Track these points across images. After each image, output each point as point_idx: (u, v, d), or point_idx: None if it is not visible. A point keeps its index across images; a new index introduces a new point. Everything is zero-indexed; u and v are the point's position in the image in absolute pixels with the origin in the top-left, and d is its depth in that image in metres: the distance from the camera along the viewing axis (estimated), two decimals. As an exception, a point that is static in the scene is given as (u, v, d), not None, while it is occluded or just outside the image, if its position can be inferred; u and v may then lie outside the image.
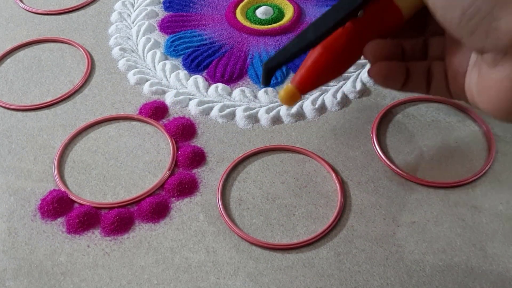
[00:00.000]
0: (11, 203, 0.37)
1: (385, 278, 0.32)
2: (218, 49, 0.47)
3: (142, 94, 0.44)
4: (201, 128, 0.41)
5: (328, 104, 0.42)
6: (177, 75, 0.45)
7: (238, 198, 0.37)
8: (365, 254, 0.33)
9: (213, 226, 0.35)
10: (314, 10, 0.51)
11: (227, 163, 0.39)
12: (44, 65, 0.47)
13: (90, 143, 0.41)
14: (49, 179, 0.38)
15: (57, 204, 0.36)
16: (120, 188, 0.38)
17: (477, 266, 0.32)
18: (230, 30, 0.49)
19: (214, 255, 0.34)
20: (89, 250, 0.34)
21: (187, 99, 0.43)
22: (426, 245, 0.34)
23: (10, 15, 0.52)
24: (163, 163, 0.39)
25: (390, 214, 0.35)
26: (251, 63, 0.46)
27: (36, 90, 0.45)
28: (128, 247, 0.34)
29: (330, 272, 0.33)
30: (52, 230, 0.35)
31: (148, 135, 0.41)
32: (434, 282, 0.32)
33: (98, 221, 0.36)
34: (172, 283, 0.32)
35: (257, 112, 0.42)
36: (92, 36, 0.49)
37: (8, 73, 0.46)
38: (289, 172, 0.38)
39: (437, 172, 0.37)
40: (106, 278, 0.33)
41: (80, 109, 0.43)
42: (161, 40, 0.49)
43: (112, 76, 0.46)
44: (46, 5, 0.53)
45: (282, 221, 0.35)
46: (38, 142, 0.41)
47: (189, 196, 0.37)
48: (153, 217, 0.36)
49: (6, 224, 0.36)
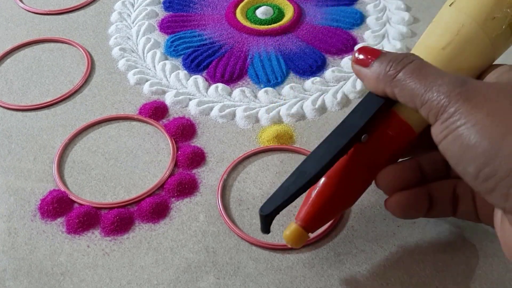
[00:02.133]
0: (11, 203, 0.37)
1: (385, 278, 0.32)
2: (218, 49, 0.47)
3: (142, 94, 0.44)
4: (201, 128, 0.41)
5: (328, 104, 0.42)
6: (177, 75, 0.45)
7: (238, 198, 0.37)
8: (365, 254, 0.33)
9: (213, 226, 0.35)
10: (314, 10, 0.51)
11: (227, 163, 0.39)
12: (44, 65, 0.47)
13: (90, 143, 0.41)
14: (49, 179, 0.38)
15: (57, 204, 0.36)
16: (120, 188, 0.38)
17: (477, 266, 0.32)
18: (230, 30, 0.49)
19: (214, 255, 0.34)
20: (89, 250, 0.34)
21: (187, 99, 0.43)
22: (427, 246, 0.33)
23: (10, 15, 0.52)
24: (163, 163, 0.39)
25: (390, 214, 0.35)
26: (251, 63, 0.46)
27: (36, 90, 0.45)
28: (128, 247, 0.34)
29: (330, 272, 0.33)
30: (52, 230, 0.35)
31: (148, 135, 0.41)
32: (434, 282, 0.32)
33: (98, 221, 0.36)
34: (172, 283, 0.32)
35: (257, 112, 0.42)
36: (92, 36, 0.49)
37: (8, 73, 0.46)
38: (289, 172, 0.38)
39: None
40: (106, 278, 0.33)
41: (80, 109, 0.43)
42: (161, 40, 0.49)
43: (112, 76, 0.46)
44: (46, 5, 0.53)
45: (282, 221, 0.35)
46: (38, 142, 0.41)
47: (189, 196, 0.37)
48: (153, 217, 0.36)
49: (6, 224, 0.36)
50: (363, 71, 0.29)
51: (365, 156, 0.29)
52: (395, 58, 0.27)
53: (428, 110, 0.25)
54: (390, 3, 0.51)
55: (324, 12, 0.50)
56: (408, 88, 0.26)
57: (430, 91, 0.25)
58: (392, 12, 0.50)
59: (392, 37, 0.48)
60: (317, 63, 0.45)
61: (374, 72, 0.28)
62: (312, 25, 0.49)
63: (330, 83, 0.44)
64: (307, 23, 0.50)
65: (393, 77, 0.27)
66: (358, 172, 0.29)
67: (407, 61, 0.27)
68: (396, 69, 0.27)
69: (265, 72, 0.45)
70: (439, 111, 0.24)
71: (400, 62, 0.27)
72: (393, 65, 0.27)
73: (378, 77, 0.27)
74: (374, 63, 0.28)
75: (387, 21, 0.49)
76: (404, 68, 0.27)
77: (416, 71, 0.26)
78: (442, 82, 0.25)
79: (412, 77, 0.26)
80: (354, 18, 0.49)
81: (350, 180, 0.29)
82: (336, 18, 0.50)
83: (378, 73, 0.27)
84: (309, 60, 0.46)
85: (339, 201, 0.29)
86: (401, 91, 0.26)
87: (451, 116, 0.24)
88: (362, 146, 0.29)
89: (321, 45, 0.47)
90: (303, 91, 0.44)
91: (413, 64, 0.27)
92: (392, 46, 0.47)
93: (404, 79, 0.26)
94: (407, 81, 0.26)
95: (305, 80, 0.44)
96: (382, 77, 0.27)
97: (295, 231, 0.29)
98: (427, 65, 0.27)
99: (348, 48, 0.47)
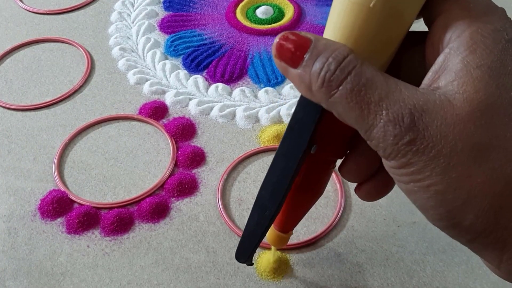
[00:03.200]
0: (11, 203, 0.37)
1: (386, 278, 0.32)
2: (218, 49, 0.47)
3: (142, 94, 0.44)
4: (201, 128, 0.41)
5: (328, 104, 0.42)
6: (177, 75, 0.45)
7: (238, 198, 0.37)
8: (365, 254, 0.33)
9: (213, 226, 0.35)
10: (314, 10, 0.51)
11: (227, 163, 0.39)
12: (44, 65, 0.47)
13: (90, 143, 0.41)
14: (49, 179, 0.38)
15: (57, 204, 0.36)
16: (120, 188, 0.37)
17: (477, 266, 0.32)
18: (230, 30, 0.49)
19: (214, 255, 0.34)
20: (89, 250, 0.34)
21: (187, 99, 0.43)
22: (427, 246, 0.33)
23: (10, 15, 0.52)
24: (163, 163, 0.39)
25: (390, 214, 0.35)
26: (251, 63, 0.46)
27: (36, 90, 0.45)
28: (128, 247, 0.34)
29: (330, 272, 0.33)
30: (52, 230, 0.35)
31: (148, 135, 0.41)
32: (435, 282, 0.32)
33: (98, 221, 0.36)
34: (172, 283, 0.32)
35: (257, 112, 0.42)
36: (92, 36, 0.49)
37: (8, 73, 0.46)
38: (289, 172, 0.38)
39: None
40: (106, 278, 0.33)
41: (80, 109, 0.43)
42: (161, 40, 0.49)
43: (112, 76, 0.46)
44: (46, 5, 0.53)
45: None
46: (38, 142, 0.41)
47: (189, 196, 0.37)
48: (153, 217, 0.36)
49: (6, 224, 0.36)
50: (291, 72, 0.22)
51: (322, 160, 0.27)
52: (330, 63, 0.21)
53: (376, 149, 0.21)
54: (390, 2, 0.51)
55: (324, 12, 0.50)
56: (349, 116, 0.21)
57: (376, 128, 0.20)
58: (392, 12, 0.50)
59: (392, 37, 0.48)
60: (317, 63, 0.45)
61: (304, 79, 0.21)
62: (312, 25, 0.49)
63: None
64: (307, 22, 0.50)
65: (329, 96, 0.21)
66: (318, 175, 0.28)
67: (343, 75, 0.21)
68: (331, 85, 0.21)
69: (265, 71, 0.45)
70: (390, 155, 0.21)
71: (335, 74, 0.21)
72: (327, 76, 0.21)
73: (310, 88, 0.21)
74: (303, 64, 0.22)
75: (387, 21, 0.49)
76: (341, 85, 0.21)
77: (356, 93, 0.20)
78: (387, 118, 0.20)
79: (352, 102, 0.21)
80: (354, 18, 0.49)
81: (313, 186, 0.28)
82: (336, 18, 0.49)
83: (309, 82, 0.21)
84: (309, 60, 0.46)
85: (306, 202, 0.29)
86: (341, 116, 0.21)
87: (404, 166, 0.20)
88: (314, 156, 0.26)
89: (321, 44, 0.47)
90: (303, 91, 0.43)
91: (351, 80, 0.21)
92: (392, 45, 0.47)
93: (343, 102, 0.21)
94: (346, 106, 0.21)
95: (305, 80, 0.44)
96: (315, 90, 0.21)
97: (273, 235, 0.30)
98: (369, 82, 0.21)
99: (348, 48, 0.47)
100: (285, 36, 0.22)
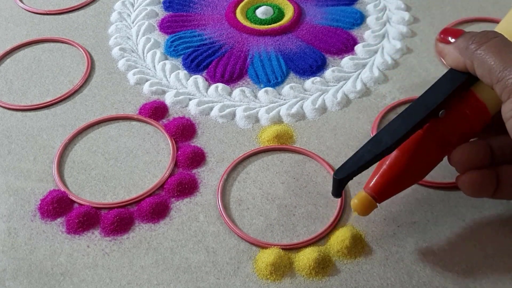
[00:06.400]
0: (11, 203, 0.37)
1: (385, 278, 0.32)
2: (218, 49, 0.47)
3: (142, 94, 0.44)
4: (201, 128, 0.41)
5: (328, 104, 0.42)
6: (177, 75, 0.45)
7: (238, 198, 0.37)
8: (365, 254, 0.33)
9: (213, 226, 0.35)
10: (314, 10, 0.51)
11: (227, 163, 0.39)
12: (44, 65, 0.47)
13: (90, 143, 0.41)
14: (49, 179, 0.38)
15: (57, 204, 0.36)
16: (120, 188, 0.38)
17: (477, 266, 0.32)
18: (230, 30, 0.49)
19: (214, 255, 0.34)
20: (89, 250, 0.34)
21: (187, 99, 0.43)
22: (427, 245, 0.33)
23: (10, 15, 0.52)
24: (163, 163, 0.39)
25: (390, 214, 0.35)
26: (251, 63, 0.46)
27: (36, 90, 0.45)
28: (128, 247, 0.34)
29: (330, 272, 0.33)
30: (51, 230, 0.35)
31: (148, 135, 0.41)
32: (434, 282, 0.32)
33: (98, 221, 0.36)
34: (172, 283, 0.32)
35: (257, 112, 0.42)
36: (92, 36, 0.49)
37: (8, 73, 0.46)
38: (289, 172, 0.38)
39: (437, 172, 0.37)
40: (106, 278, 0.33)
41: (80, 109, 0.43)
42: (161, 40, 0.49)
43: (112, 76, 0.46)
44: (46, 5, 0.53)
45: (282, 221, 0.35)
46: (38, 142, 0.41)
47: (189, 196, 0.37)
48: (153, 217, 0.36)
49: (6, 224, 0.36)
50: (447, 47, 0.31)
51: (440, 132, 0.30)
52: (479, 34, 0.29)
53: (502, 88, 0.26)
54: (390, 3, 0.51)
55: (324, 12, 0.50)
56: (487, 63, 0.27)
57: (508, 70, 0.26)
58: (392, 12, 0.50)
59: (392, 37, 0.48)
60: (317, 63, 0.45)
61: (457, 47, 0.30)
62: (312, 25, 0.49)
63: (330, 83, 0.44)
64: (307, 23, 0.50)
65: (474, 50, 0.28)
66: (431, 147, 0.30)
67: (491, 36, 0.28)
68: (478, 43, 0.28)
69: (265, 72, 0.45)
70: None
71: (484, 37, 0.28)
72: (475, 39, 0.29)
73: (460, 51, 0.29)
74: (458, 39, 0.30)
75: (387, 21, 0.49)
76: (487, 43, 0.28)
77: (498, 47, 0.27)
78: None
79: (493, 53, 0.27)
80: (354, 18, 0.49)
81: (422, 154, 0.30)
82: (336, 18, 0.50)
83: (461, 47, 0.29)
84: (309, 60, 0.46)
85: (409, 174, 0.30)
86: (480, 65, 0.28)
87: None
88: (438, 122, 0.30)
89: (321, 45, 0.47)
90: (303, 91, 0.44)
91: (495, 40, 0.28)
92: (392, 46, 0.47)
93: (485, 53, 0.28)
94: (487, 56, 0.27)
95: (305, 80, 0.44)
96: (464, 51, 0.29)
97: (364, 199, 0.30)
98: (510, 44, 0.28)
99: (348, 48, 0.47)
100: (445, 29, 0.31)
